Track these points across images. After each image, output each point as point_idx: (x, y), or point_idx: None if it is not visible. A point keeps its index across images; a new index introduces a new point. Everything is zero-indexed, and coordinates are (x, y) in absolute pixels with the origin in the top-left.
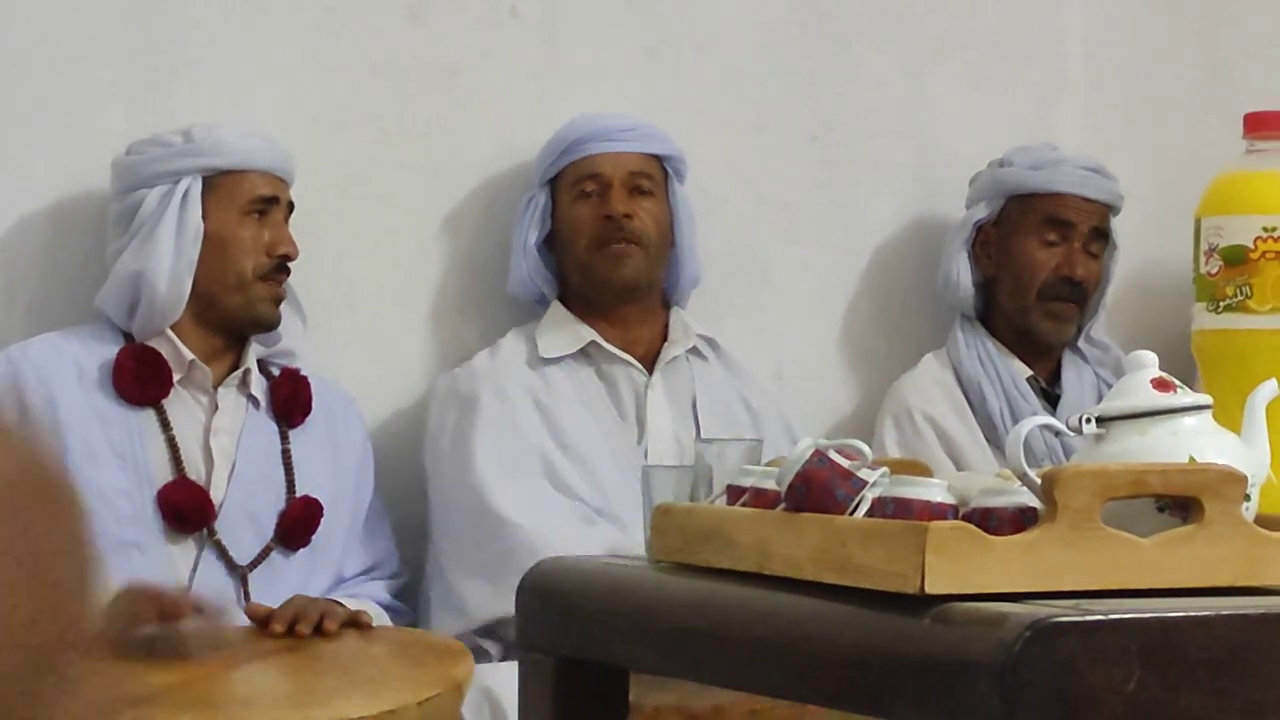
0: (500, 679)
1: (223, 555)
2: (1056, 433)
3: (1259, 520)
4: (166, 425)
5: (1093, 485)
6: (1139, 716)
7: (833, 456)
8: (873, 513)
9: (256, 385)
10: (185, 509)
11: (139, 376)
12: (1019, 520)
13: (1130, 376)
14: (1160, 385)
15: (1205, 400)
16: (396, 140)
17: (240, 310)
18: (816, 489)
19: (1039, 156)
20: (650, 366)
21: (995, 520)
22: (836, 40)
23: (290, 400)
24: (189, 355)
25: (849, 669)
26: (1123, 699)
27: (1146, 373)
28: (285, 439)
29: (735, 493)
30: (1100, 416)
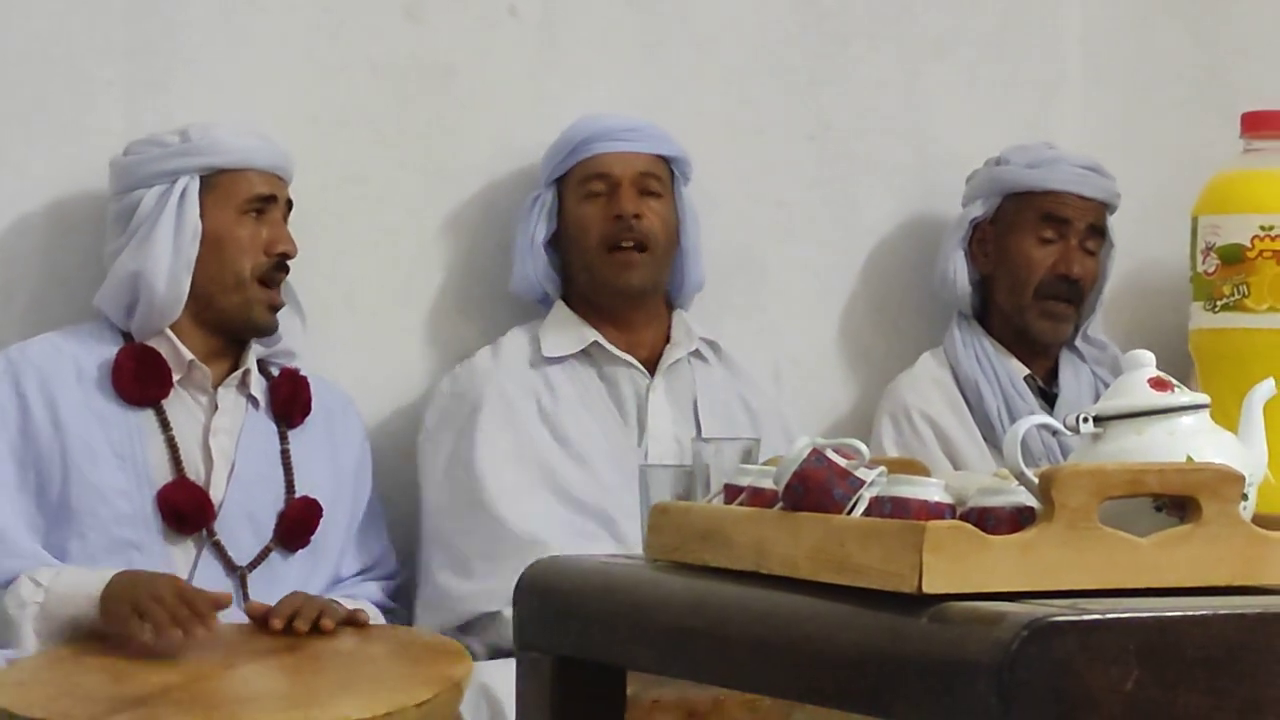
0: (498, 677)
1: (222, 556)
2: (1054, 432)
3: (1256, 520)
4: (166, 425)
5: (1090, 485)
6: (1137, 716)
7: (830, 456)
8: (870, 512)
9: (256, 385)
10: (185, 509)
11: (138, 376)
12: (1016, 520)
13: (1127, 376)
14: (1157, 384)
15: (1202, 400)
16: (395, 140)
17: (237, 311)
18: (814, 488)
19: (1036, 154)
20: (652, 368)
21: (993, 520)
22: (835, 40)
23: (289, 400)
24: (188, 355)
25: (846, 668)
26: (1120, 698)
27: (1144, 372)
28: (284, 439)
29: (732, 492)
30: (1097, 416)
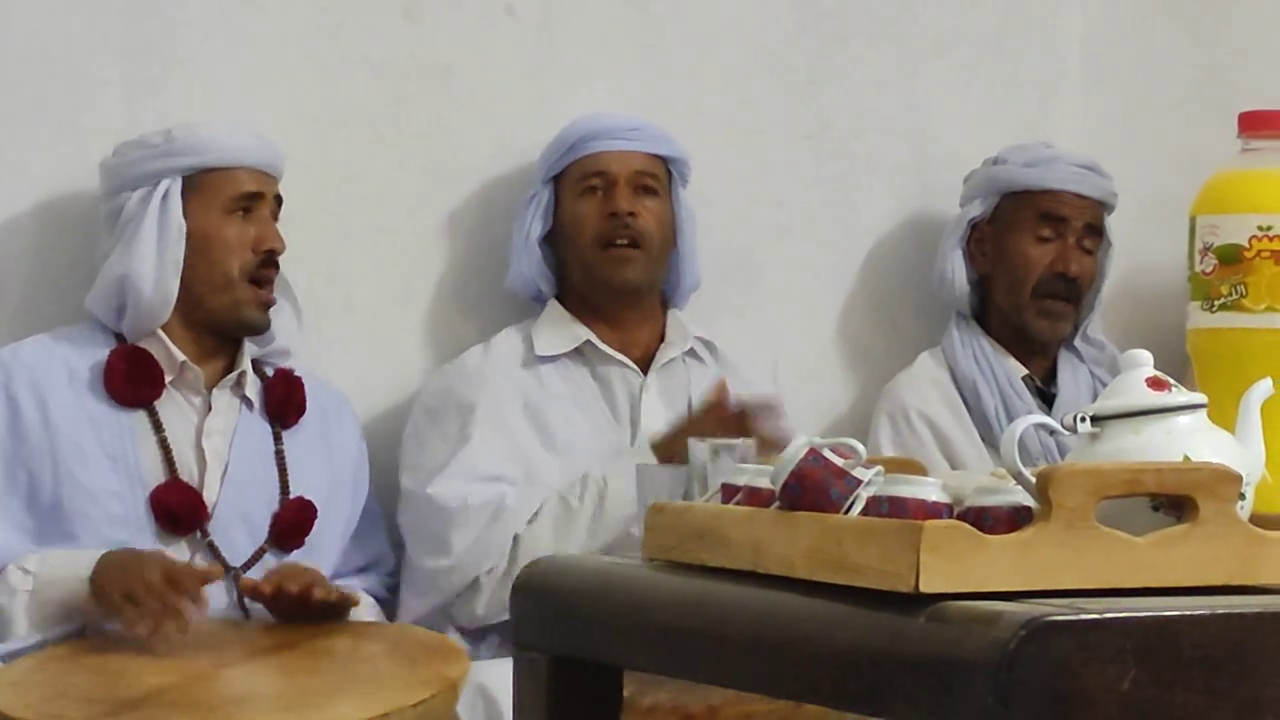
0: (495, 677)
1: (216, 557)
2: (1051, 431)
3: (1254, 519)
4: (159, 427)
5: (1087, 484)
6: (1134, 715)
7: (827, 455)
8: (867, 511)
9: (250, 386)
10: (178, 510)
11: (130, 378)
12: (1014, 519)
13: (1125, 375)
14: (1155, 384)
15: (1200, 399)
16: (393, 140)
17: (227, 311)
18: (811, 488)
19: (1033, 154)
20: (646, 368)
21: (990, 519)
22: (833, 39)
23: (284, 401)
24: (180, 356)
25: (844, 668)
26: (1118, 698)
27: (1141, 371)
28: (279, 440)
29: (729, 491)
30: (1095, 415)
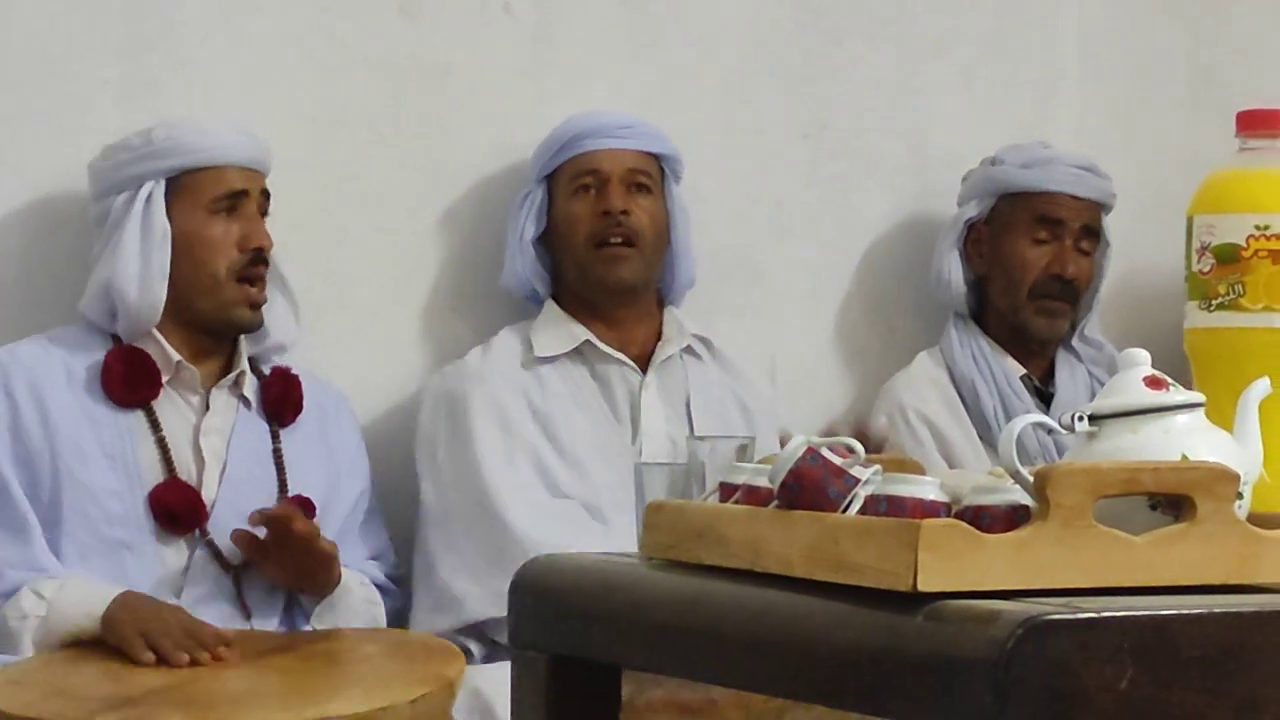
0: (490, 680)
1: (215, 555)
2: (1049, 430)
3: (1251, 518)
4: (156, 426)
5: (1085, 483)
6: (1131, 714)
7: (825, 454)
8: (865, 510)
9: (248, 385)
10: (176, 510)
11: (127, 379)
12: (1011, 518)
13: (1123, 374)
14: (1153, 383)
15: (1198, 398)
16: (389, 138)
17: (215, 313)
18: (809, 486)
19: (1030, 155)
20: (644, 366)
21: (988, 518)
22: (831, 38)
23: (281, 399)
24: (175, 356)
25: (841, 667)
26: (1115, 697)
27: (1139, 370)
28: (276, 438)
29: (727, 490)
30: (1093, 414)
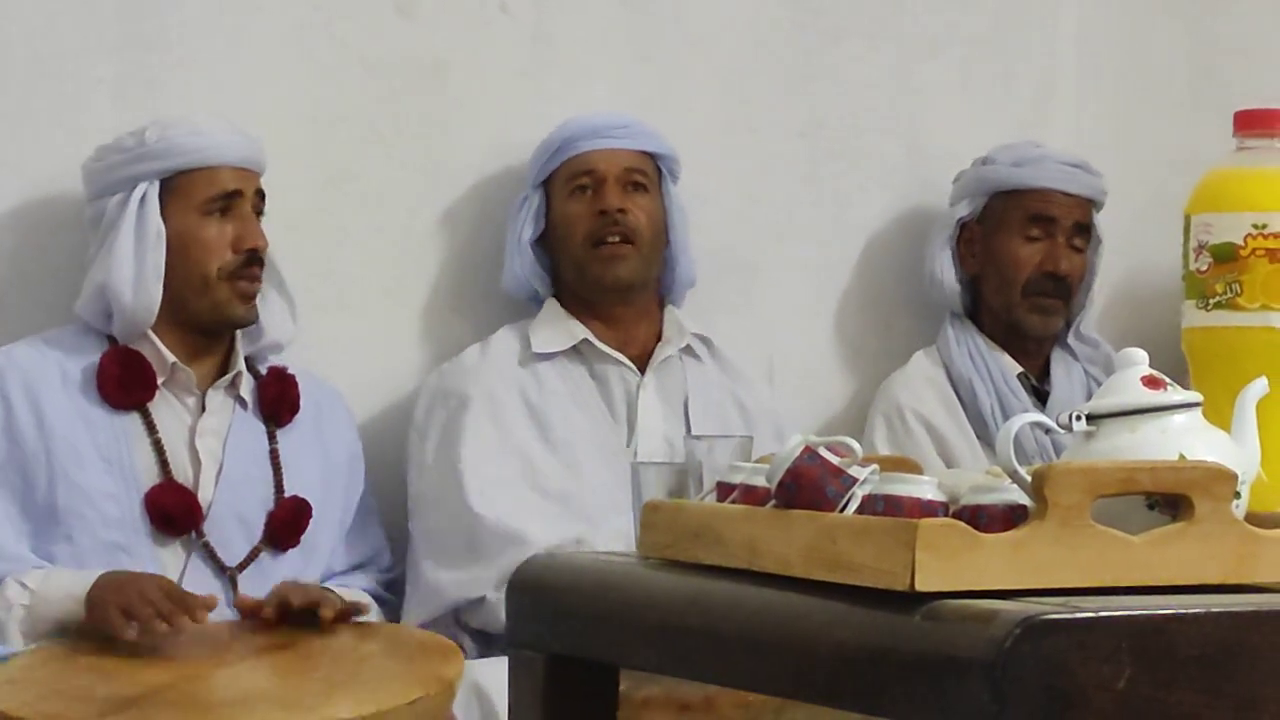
0: (490, 676)
1: (211, 557)
2: (1046, 430)
3: (1249, 518)
4: (152, 428)
5: (1083, 482)
6: (1129, 714)
7: (823, 453)
8: (863, 510)
9: (244, 385)
10: (173, 512)
11: (122, 381)
12: (1009, 517)
13: (1120, 374)
14: (1150, 383)
15: (1195, 398)
16: (387, 137)
17: (208, 313)
18: (807, 486)
19: (1021, 153)
20: (643, 366)
21: (985, 517)
22: (828, 37)
23: (277, 400)
24: (170, 358)
25: (839, 666)
26: (1113, 696)
27: (1136, 370)
28: (273, 439)
29: (725, 489)
30: (1090, 414)
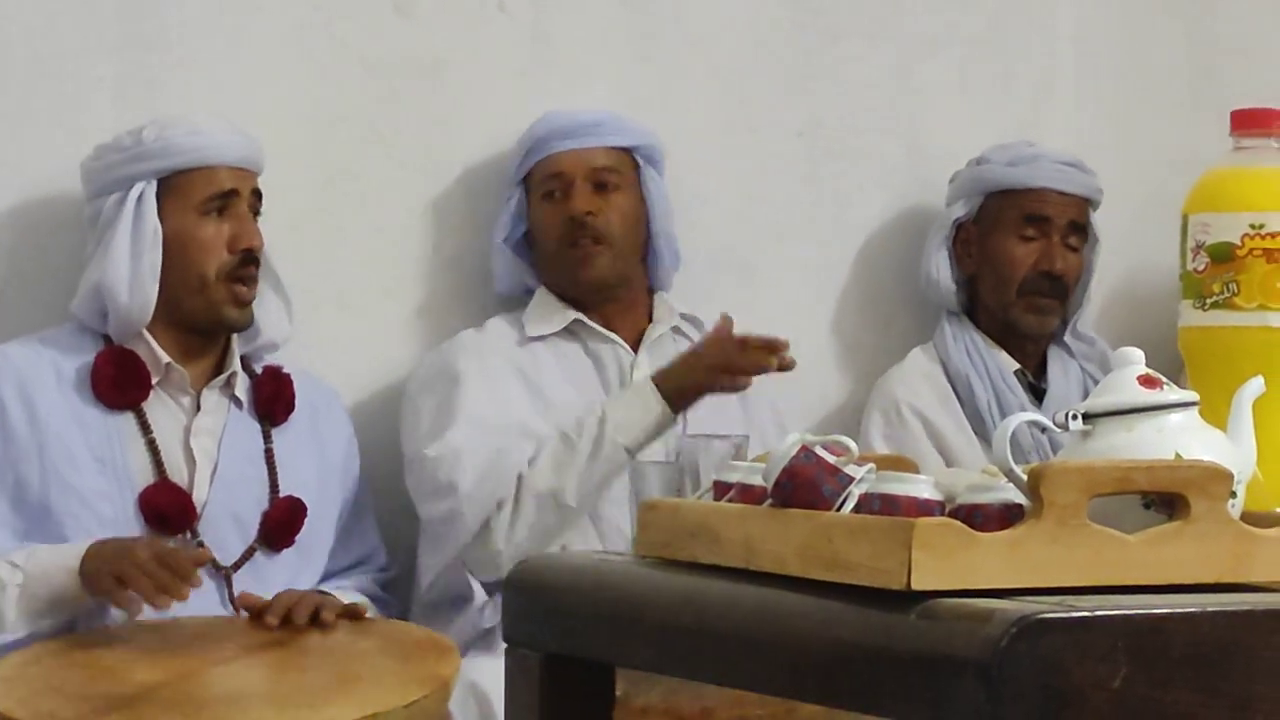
0: (487, 674)
1: None
2: (1043, 429)
3: (1245, 517)
4: (147, 428)
5: (1079, 482)
6: (1125, 713)
7: (819, 452)
8: (859, 509)
9: (239, 385)
10: (167, 511)
11: (117, 381)
12: (1005, 516)
13: (1117, 373)
14: (1147, 382)
15: (1191, 397)
16: (386, 137)
17: (204, 313)
18: (803, 485)
19: (1016, 153)
20: (636, 346)
21: (981, 516)
22: (826, 36)
23: (272, 399)
24: (164, 358)
25: (835, 665)
26: (1109, 695)
27: (1133, 369)
28: (268, 438)
29: (721, 488)
30: (1087, 413)
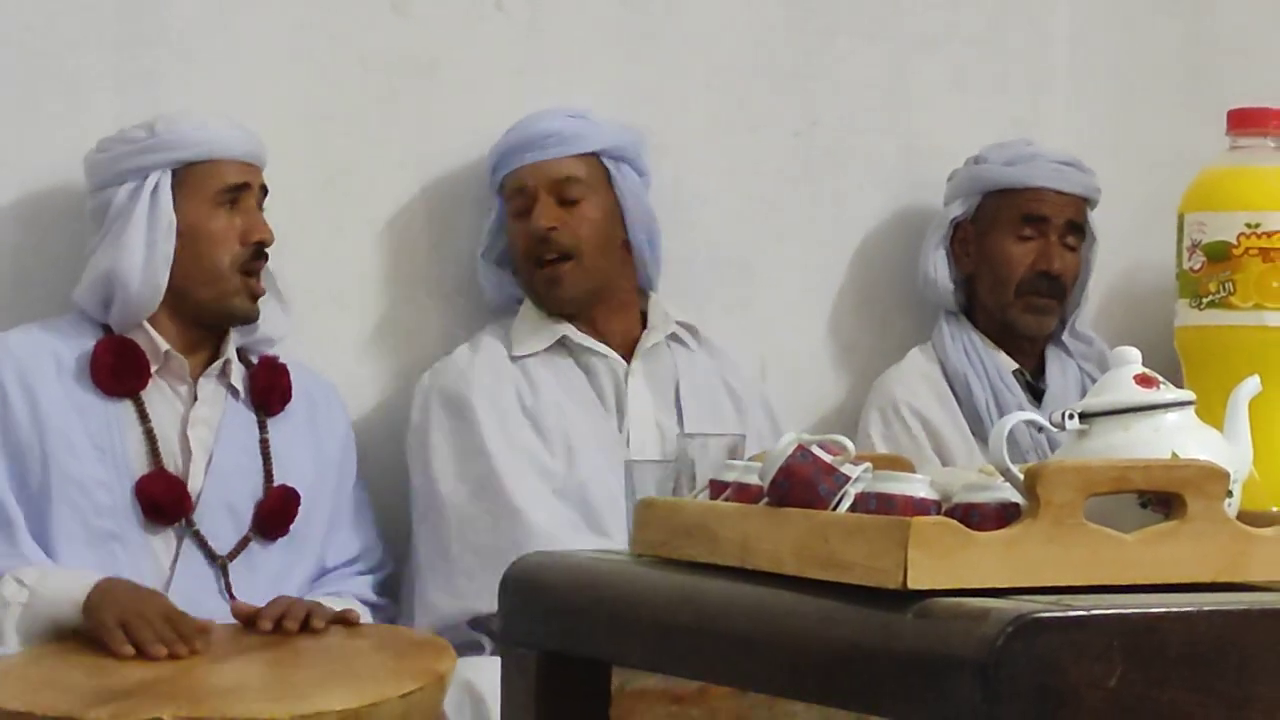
0: (482, 673)
1: (202, 546)
2: (1040, 428)
3: (1241, 516)
4: (144, 417)
5: (1075, 481)
6: (1121, 712)
7: (816, 451)
8: (855, 508)
9: (236, 375)
10: (162, 500)
11: (116, 369)
12: (1002, 516)
13: (1113, 372)
14: (1143, 381)
15: (1188, 396)
16: (382, 134)
17: (214, 304)
18: (799, 484)
19: (1013, 152)
20: (629, 354)
21: (978, 515)
22: (823, 35)
23: (268, 389)
24: (164, 346)
25: (831, 664)
26: (1105, 695)
27: (1130, 369)
28: (264, 428)
29: (718, 487)
30: (1083, 412)
